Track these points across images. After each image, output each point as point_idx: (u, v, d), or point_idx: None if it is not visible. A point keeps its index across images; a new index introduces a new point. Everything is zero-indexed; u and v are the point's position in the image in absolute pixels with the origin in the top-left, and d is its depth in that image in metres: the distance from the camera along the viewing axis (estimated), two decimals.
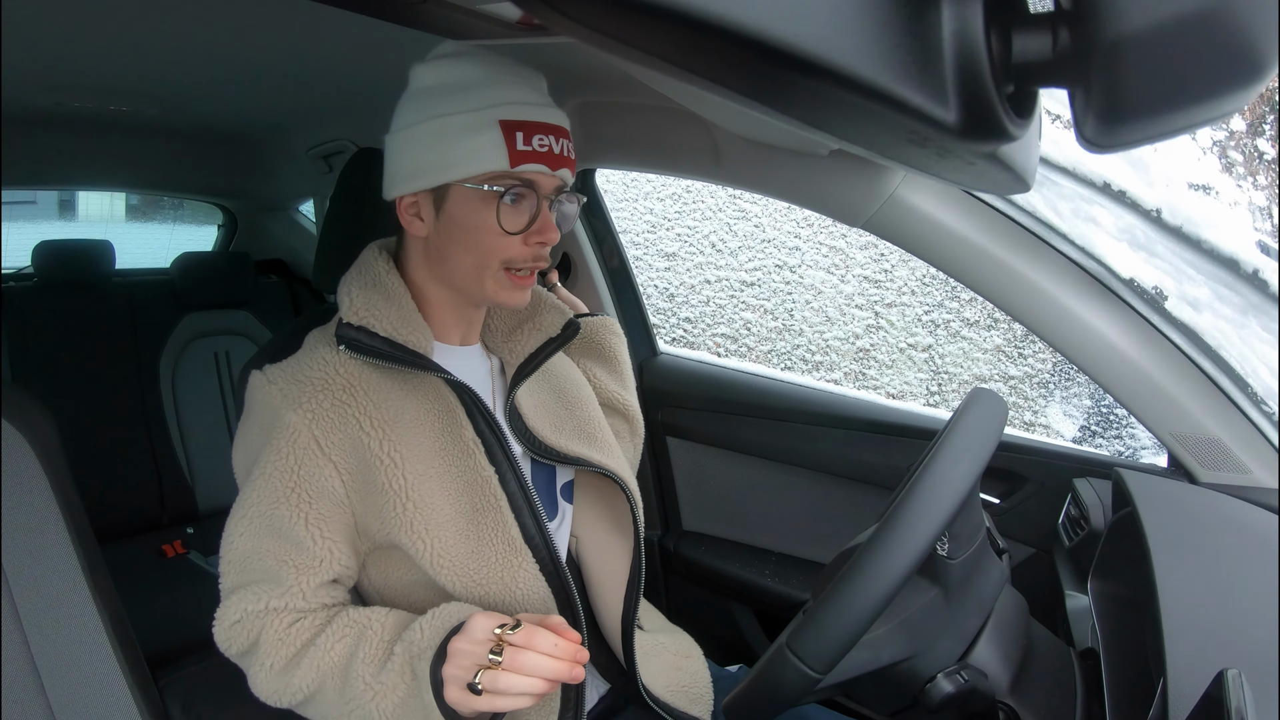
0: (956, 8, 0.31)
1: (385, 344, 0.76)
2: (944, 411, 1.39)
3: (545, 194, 0.76)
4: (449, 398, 0.80)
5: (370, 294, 0.78)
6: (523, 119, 0.73)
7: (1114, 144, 0.33)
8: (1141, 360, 1.00)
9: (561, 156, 0.75)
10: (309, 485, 0.75)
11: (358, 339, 0.75)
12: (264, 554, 0.76)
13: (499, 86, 0.74)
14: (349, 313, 0.77)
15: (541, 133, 0.74)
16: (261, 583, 0.76)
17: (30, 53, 1.17)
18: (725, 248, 4.47)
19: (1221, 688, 0.51)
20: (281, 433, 0.75)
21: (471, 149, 0.72)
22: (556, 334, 0.90)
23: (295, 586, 0.75)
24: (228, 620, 0.77)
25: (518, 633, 0.64)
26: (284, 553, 0.75)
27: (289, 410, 0.75)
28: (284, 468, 0.75)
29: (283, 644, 0.75)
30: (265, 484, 0.75)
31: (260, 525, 0.76)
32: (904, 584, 0.60)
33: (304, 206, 2.48)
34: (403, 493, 0.75)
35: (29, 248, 1.98)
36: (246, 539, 0.76)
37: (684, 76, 0.31)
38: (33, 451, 0.85)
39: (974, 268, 1.02)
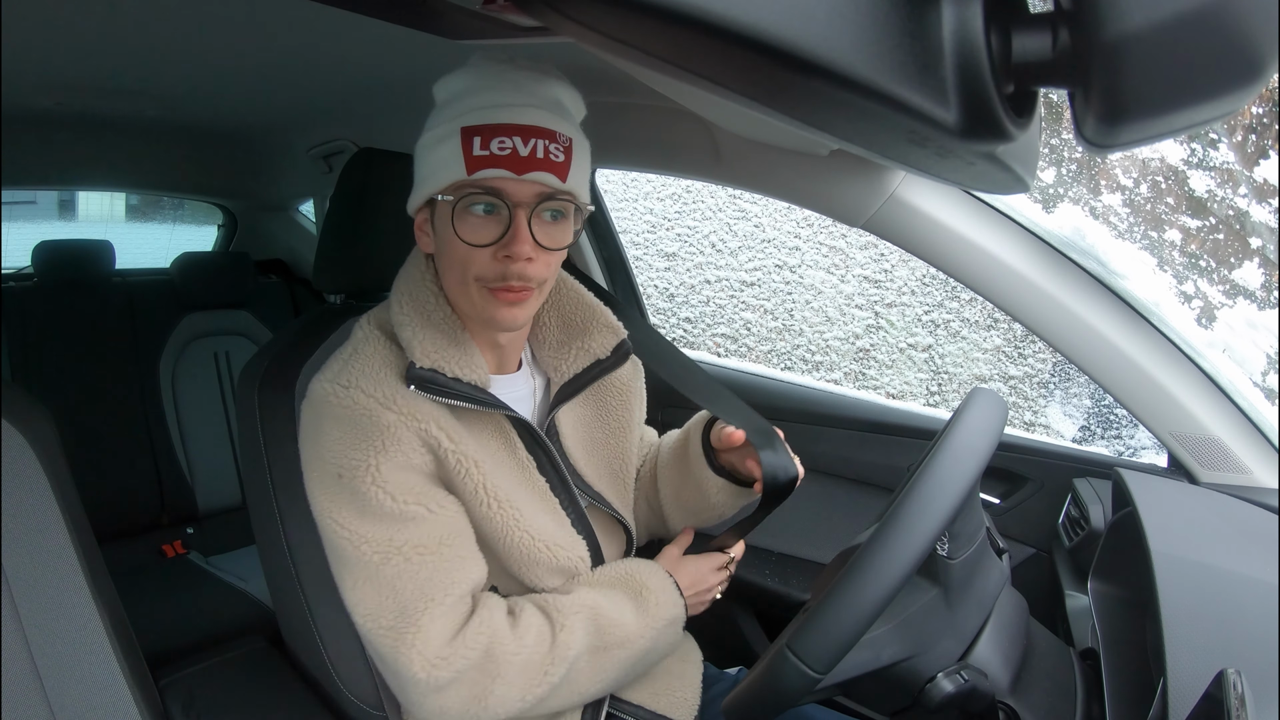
0: (956, 8, 0.31)
1: (452, 383, 0.75)
2: (944, 411, 1.39)
3: (519, 201, 0.71)
4: (505, 425, 0.81)
5: (431, 334, 0.76)
6: (483, 122, 0.68)
7: (1114, 144, 0.33)
8: (1141, 360, 1.00)
9: (532, 159, 0.69)
10: (408, 470, 0.73)
11: (432, 380, 0.74)
12: (408, 550, 0.72)
13: (476, 94, 0.71)
14: (420, 356, 0.74)
15: (504, 134, 0.68)
16: (438, 592, 0.72)
17: (30, 53, 1.17)
18: (725, 248, 4.47)
19: (1221, 688, 0.51)
20: (381, 432, 0.72)
21: (438, 160, 0.71)
22: (605, 356, 0.87)
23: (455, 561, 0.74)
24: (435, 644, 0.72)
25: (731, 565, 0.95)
26: (421, 535, 0.72)
27: (384, 411, 0.72)
28: (388, 464, 0.72)
29: (522, 649, 0.76)
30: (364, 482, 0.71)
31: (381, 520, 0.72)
32: (904, 584, 0.60)
33: (304, 206, 2.48)
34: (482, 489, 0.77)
35: (29, 248, 1.98)
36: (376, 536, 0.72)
37: (684, 77, 0.31)
38: (33, 451, 0.85)
39: (974, 268, 1.02)
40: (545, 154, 0.69)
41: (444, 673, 0.72)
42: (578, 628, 0.79)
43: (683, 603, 0.87)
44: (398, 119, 1.53)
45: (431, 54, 1.09)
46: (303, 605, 0.92)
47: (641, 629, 0.83)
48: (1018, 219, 1.02)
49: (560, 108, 0.74)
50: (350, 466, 0.72)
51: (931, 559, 0.73)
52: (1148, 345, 1.01)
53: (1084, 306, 1.00)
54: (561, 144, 0.71)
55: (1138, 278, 1.00)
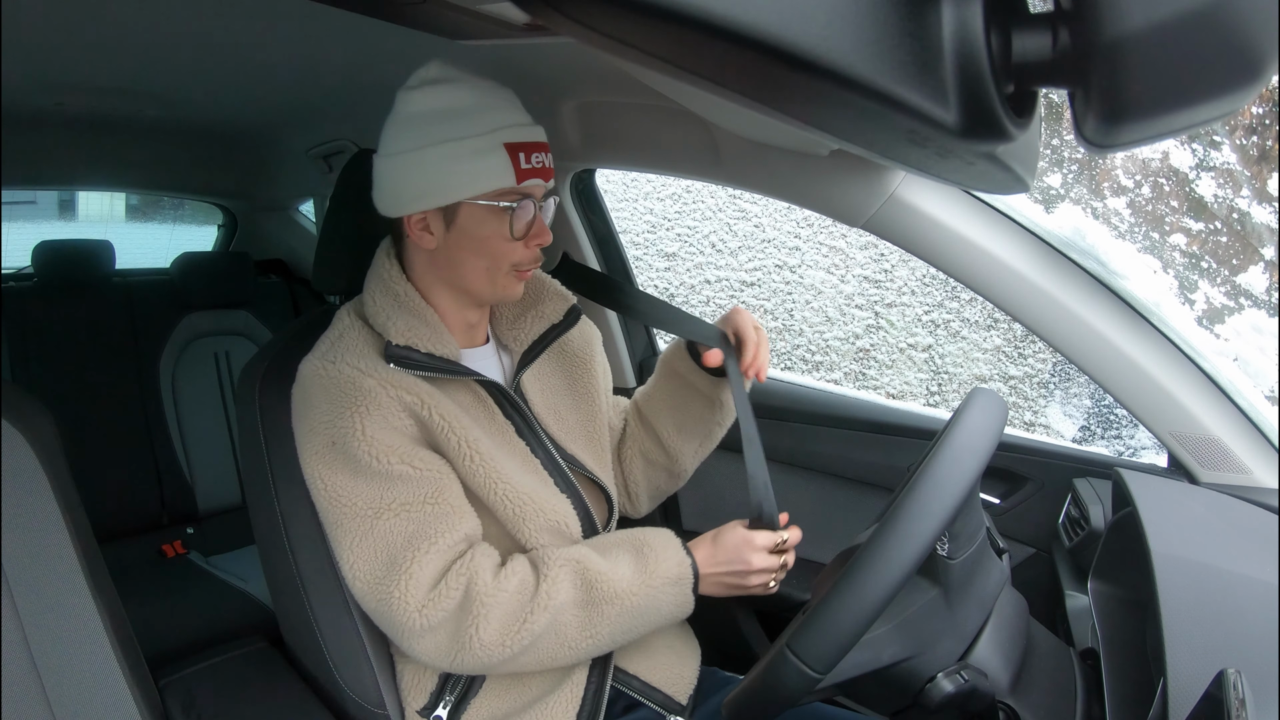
0: (956, 8, 0.31)
1: (427, 358, 0.84)
2: (944, 411, 1.39)
3: (538, 200, 0.85)
4: (479, 391, 0.89)
5: (404, 316, 0.85)
6: (522, 140, 0.82)
7: (1114, 144, 0.33)
8: (1141, 360, 1.00)
9: (550, 169, 0.85)
10: (396, 434, 0.80)
11: (407, 356, 0.83)
12: (397, 506, 0.79)
13: (497, 111, 0.82)
14: (396, 334, 0.83)
15: (538, 151, 0.83)
16: (425, 542, 0.79)
17: (30, 53, 1.17)
18: (725, 248, 4.47)
19: (1221, 688, 0.51)
20: (363, 397, 0.80)
21: (483, 170, 0.80)
22: (559, 320, 0.97)
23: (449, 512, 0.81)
24: (422, 589, 0.78)
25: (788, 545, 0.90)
26: (408, 492, 0.79)
27: (365, 378, 0.81)
28: (372, 425, 0.79)
29: (501, 592, 0.79)
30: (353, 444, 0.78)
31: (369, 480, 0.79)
32: (904, 584, 0.60)
33: (304, 206, 2.48)
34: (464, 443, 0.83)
35: (29, 248, 1.98)
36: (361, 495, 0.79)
37: (684, 76, 0.31)
38: (33, 451, 0.85)
39: (974, 268, 1.02)
40: (549, 163, 0.85)
41: (432, 615, 0.78)
42: (563, 578, 0.81)
43: (689, 563, 0.86)
44: None
45: (431, 54, 1.09)
46: (304, 605, 0.92)
47: (636, 585, 0.83)
48: (1018, 219, 1.02)
49: None
50: (341, 431, 0.79)
51: (931, 559, 0.73)
52: (1148, 345, 1.01)
53: (1084, 306, 1.00)
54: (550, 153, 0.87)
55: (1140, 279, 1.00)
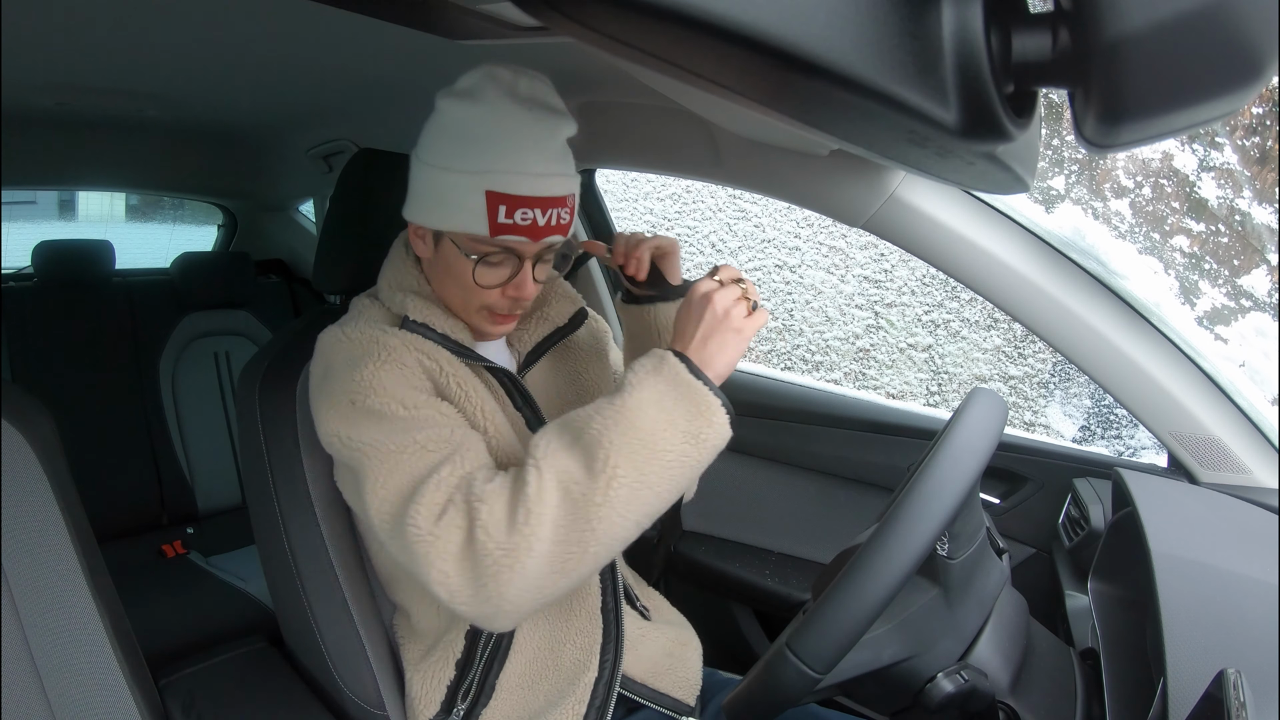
0: (956, 8, 0.31)
1: (442, 338, 0.82)
2: (944, 411, 1.39)
3: (529, 254, 0.79)
4: (491, 381, 0.87)
5: (421, 301, 0.83)
6: (510, 191, 0.74)
7: (1114, 144, 0.33)
8: (1141, 360, 1.00)
9: (548, 227, 0.76)
10: (410, 386, 0.76)
11: (423, 330, 0.81)
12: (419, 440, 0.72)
13: (497, 147, 0.74)
14: (413, 311, 0.82)
15: (528, 206, 0.74)
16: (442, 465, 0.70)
17: (30, 53, 1.17)
18: (725, 248, 4.47)
19: (1221, 688, 0.51)
20: (386, 353, 0.76)
21: (457, 209, 0.76)
22: (564, 323, 0.95)
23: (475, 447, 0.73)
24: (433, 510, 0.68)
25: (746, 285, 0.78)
26: (433, 431, 0.72)
27: (390, 338, 0.78)
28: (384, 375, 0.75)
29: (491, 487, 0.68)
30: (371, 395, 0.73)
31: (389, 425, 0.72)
32: (904, 584, 0.60)
33: (304, 206, 2.48)
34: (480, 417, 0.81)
35: (29, 248, 1.98)
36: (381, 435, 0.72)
37: (684, 76, 0.31)
38: (33, 451, 0.85)
39: (974, 268, 1.02)
40: (557, 220, 0.77)
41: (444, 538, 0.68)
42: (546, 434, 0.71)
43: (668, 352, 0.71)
44: (398, 119, 1.53)
45: (431, 54, 1.09)
46: (303, 605, 0.92)
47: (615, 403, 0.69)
48: (1018, 219, 1.02)
49: (567, 157, 0.81)
50: (358, 385, 0.74)
51: (931, 559, 0.73)
52: (1148, 345, 1.01)
53: (1084, 306, 1.00)
54: (569, 205, 0.79)
55: (1141, 279, 1.00)
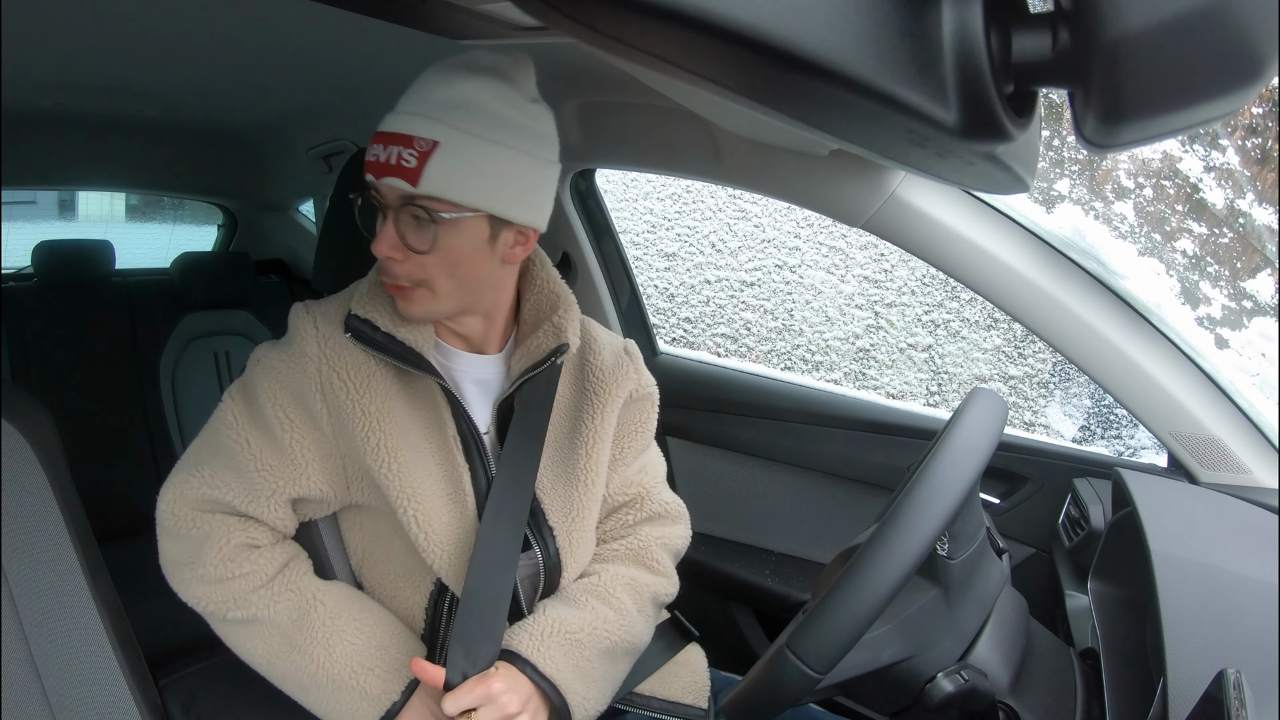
0: (956, 8, 0.31)
1: (385, 338, 0.79)
2: (944, 411, 1.39)
3: (387, 204, 0.75)
4: (439, 397, 0.83)
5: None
6: (384, 128, 0.74)
7: (1114, 144, 0.33)
8: (1141, 360, 1.00)
9: (386, 164, 0.73)
10: (299, 402, 0.79)
11: (361, 330, 0.79)
12: (243, 440, 0.79)
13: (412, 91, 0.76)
14: (356, 304, 0.81)
15: (378, 142, 0.74)
16: (228, 471, 0.79)
17: (30, 53, 1.17)
18: (725, 248, 4.47)
19: (1221, 688, 0.51)
20: (297, 353, 0.80)
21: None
22: (540, 359, 0.85)
23: (263, 494, 0.79)
24: (179, 492, 0.81)
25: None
26: (261, 447, 0.79)
27: (313, 343, 0.80)
28: (284, 378, 0.79)
29: (229, 562, 0.79)
30: (264, 380, 0.80)
31: (248, 409, 0.80)
32: (904, 584, 0.60)
33: (304, 206, 2.48)
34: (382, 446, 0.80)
35: (29, 248, 1.98)
36: (233, 413, 0.80)
37: (684, 76, 0.31)
38: (33, 451, 0.85)
39: (974, 268, 1.02)
40: (398, 160, 0.72)
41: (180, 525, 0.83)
42: (283, 602, 0.80)
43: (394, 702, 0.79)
44: None
45: (431, 54, 1.08)
46: None
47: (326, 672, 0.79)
48: (1018, 219, 1.02)
49: (455, 108, 0.74)
50: (268, 360, 0.81)
51: (931, 559, 0.73)
52: (1148, 345, 1.01)
53: (1084, 306, 1.00)
54: (418, 148, 0.72)
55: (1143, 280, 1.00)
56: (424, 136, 0.72)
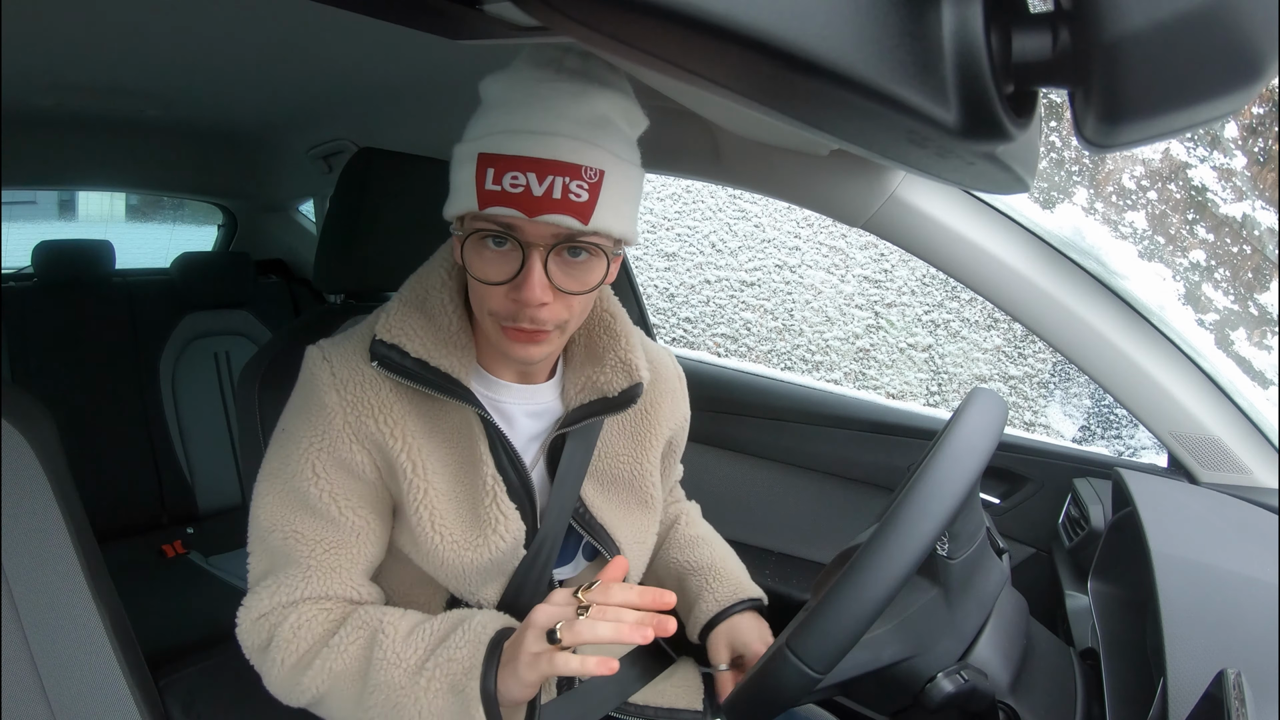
0: (956, 8, 0.31)
1: (416, 364, 0.71)
2: (944, 411, 1.39)
3: (533, 241, 0.64)
4: (475, 428, 0.74)
5: (409, 311, 0.73)
6: (501, 151, 0.61)
7: (1114, 144, 0.33)
8: (1141, 360, 1.00)
9: (547, 198, 0.61)
10: (338, 465, 0.72)
11: (389, 356, 0.71)
12: (292, 533, 0.73)
13: (503, 110, 0.63)
14: (382, 329, 0.71)
15: (518, 169, 0.61)
16: (290, 568, 0.73)
17: (30, 53, 1.17)
18: (725, 248, 4.47)
19: (1221, 688, 0.51)
20: (320, 412, 0.72)
21: (456, 184, 0.66)
22: (614, 395, 0.78)
23: (328, 570, 0.73)
24: (255, 613, 0.74)
25: (593, 590, 0.64)
26: (314, 530, 0.73)
27: (330, 391, 0.71)
28: (315, 445, 0.72)
29: (295, 639, 0.72)
30: (296, 456, 0.72)
31: (287, 497, 0.73)
32: (904, 584, 0.60)
33: (304, 206, 2.48)
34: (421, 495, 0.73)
35: (29, 248, 1.98)
36: (272, 510, 0.73)
37: (684, 77, 0.31)
38: (33, 451, 0.85)
39: (974, 268, 1.02)
40: (564, 193, 0.61)
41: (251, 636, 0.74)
42: (353, 644, 0.70)
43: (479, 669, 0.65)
44: (398, 119, 1.53)
45: (431, 54, 1.09)
46: None
47: (407, 680, 0.68)
48: (1018, 219, 1.02)
49: (602, 129, 0.64)
50: (292, 431, 0.73)
51: (931, 559, 0.72)
52: (1148, 345, 1.01)
53: (1084, 306, 1.00)
54: (587, 179, 0.62)
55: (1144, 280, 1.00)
56: (592, 166, 0.62)
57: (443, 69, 1.17)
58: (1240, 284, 3.35)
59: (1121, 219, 3.52)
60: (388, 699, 0.68)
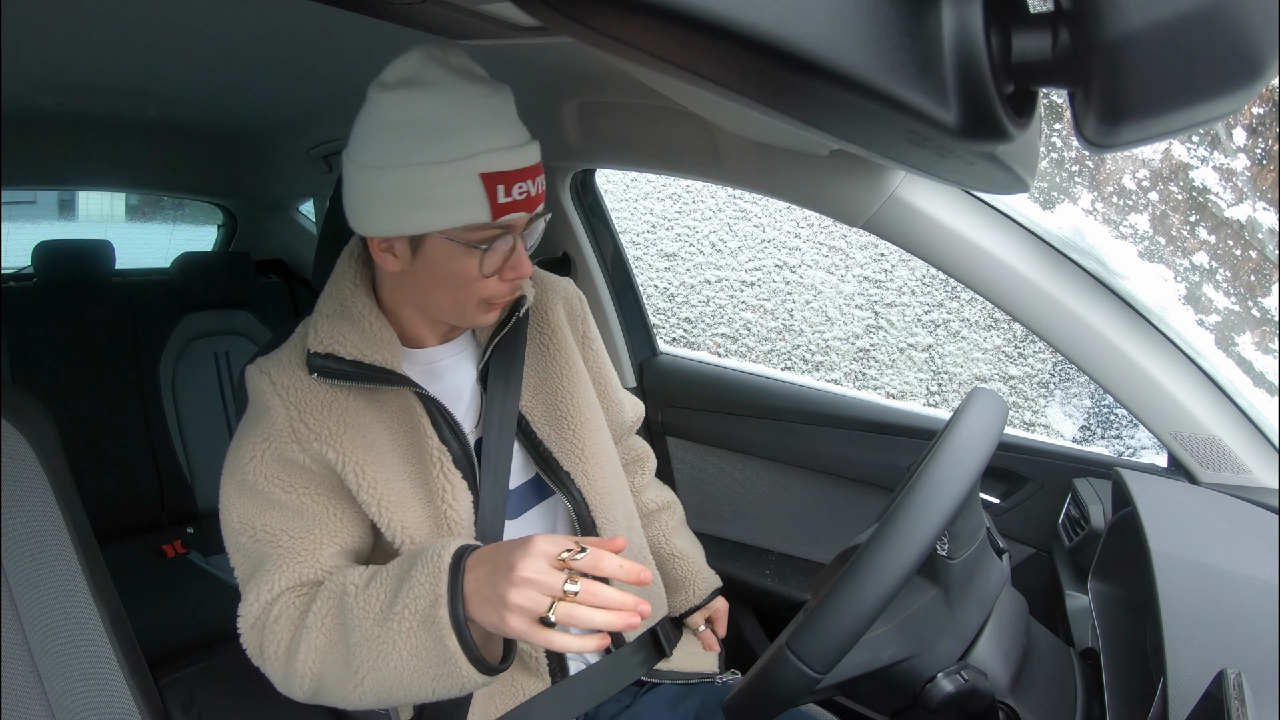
0: (956, 8, 0.31)
1: (353, 366, 0.77)
2: (944, 411, 1.39)
3: (520, 230, 0.76)
4: (415, 407, 0.81)
5: (335, 322, 0.79)
6: (504, 169, 0.70)
7: (1114, 144, 0.33)
8: (1141, 360, 1.00)
9: (539, 196, 0.75)
10: (283, 461, 0.78)
11: (325, 365, 0.77)
12: (260, 530, 0.77)
13: (477, 129, 0.70)
14: (314, 342, 0.78)
15: (522, 179, 0.72)
16: (265, 565, 0.77)
17: (30, 53, 1.17)
18: (725, 248, 4.47)
19: (1221, 688, 0.51)
20: (264, 418, 0.78)
21: (452, 202, 0.70)
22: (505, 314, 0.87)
23: (297, 557, 0.77)
24: (248, 619, 0.77)
25: (583, 557, 0.63)
26: (278, 523, 0.77)
27: (273, 396, 0.78)
28: (265, 452, 0.77)
29: (279, 629, 0.75)
30: (246, 459, 0.78)
31: (247, 498, 0.78)
32: (904, 584, 0.60)
33: (304, 206, 2.48)
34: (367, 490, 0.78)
35: (29, 248, 1.98)
36: (237, 513, 0.78)
37: (684, 77, 0.31)
38: (33, 451, 0.85)
39: (974, 268, 1.02)
40: (540, 189, 0.75)
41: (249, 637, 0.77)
42: (326, 616, 0.73)
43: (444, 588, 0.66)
44: None
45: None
46: None
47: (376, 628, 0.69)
48: (1018, 219, 1.02)
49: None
50: (242, 441, 0.79)
51: (931, 559, 0.73)
52: (1148, 345, 1.01)
53: (1084, 306, 1.00)
54: (543, 175, 0.77)
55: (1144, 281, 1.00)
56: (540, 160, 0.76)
57: None
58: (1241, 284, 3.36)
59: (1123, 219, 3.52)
60: (370, 652, 0.69)
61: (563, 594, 0.62)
